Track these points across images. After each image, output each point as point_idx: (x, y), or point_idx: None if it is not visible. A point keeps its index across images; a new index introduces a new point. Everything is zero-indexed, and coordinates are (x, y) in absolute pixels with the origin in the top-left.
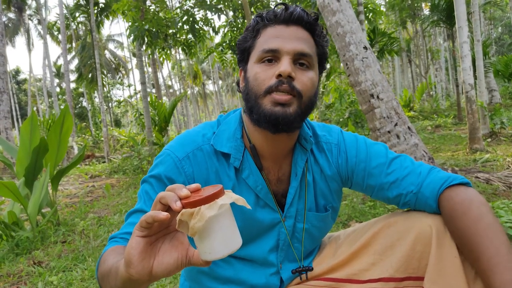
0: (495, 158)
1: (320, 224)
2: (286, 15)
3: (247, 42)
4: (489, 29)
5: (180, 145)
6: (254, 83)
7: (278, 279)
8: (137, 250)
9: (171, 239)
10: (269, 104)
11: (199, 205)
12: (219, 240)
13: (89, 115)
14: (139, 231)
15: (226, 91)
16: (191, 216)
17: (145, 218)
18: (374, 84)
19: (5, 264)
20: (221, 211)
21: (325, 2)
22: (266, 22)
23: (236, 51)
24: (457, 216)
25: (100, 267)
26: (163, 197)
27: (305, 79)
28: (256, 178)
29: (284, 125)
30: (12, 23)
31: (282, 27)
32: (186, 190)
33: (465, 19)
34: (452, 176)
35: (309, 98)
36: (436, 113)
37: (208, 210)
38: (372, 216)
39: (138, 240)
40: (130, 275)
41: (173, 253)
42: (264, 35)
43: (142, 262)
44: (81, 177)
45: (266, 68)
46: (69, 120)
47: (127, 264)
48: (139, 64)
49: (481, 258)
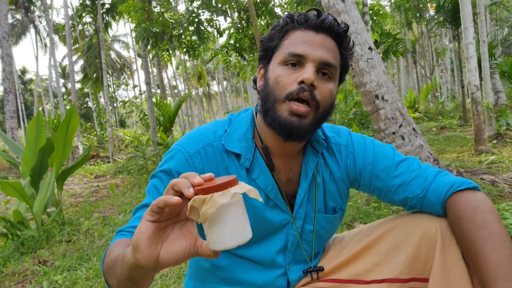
0: (501, 160)
1: (329, 225)
2: (317, 21)
3: (273, 41)
4: (495, 30)
5: (191, 141)
6: (275, 86)
7: (285, 281)
8: (146, 234)
9: (181, 227)
10: (286, 112)
11: (211, 192)
12: (229, 229)
13: (94, 116)
14: (149, 215)
15: (231, 92)
16: (203, 202)
17: (156, 202)
18: (379, 85)
19: (11, 263)
20: (234, 200)
21: (330, 2)
22: (296, 25)
23: (260, 48)
24: (461, 224)
25: (106, 258)
26: (175, 184)
27: (325, 90)
28: (266, 178)
29: (297, 136)
30: (20, 24)
31: (311, 33)
32: (199, 178)
33: (470, 20)
34: (459, 181)
35: (324, 109)
36: (441, 115)
37: (221, 197)
38: (377, 217)
39: (147, 224)
40: (137, 261)
41: (181, 241)
42: (292, 37)
43: (150, 247)
44: (86, 177)
45: (289, 72)
46: (75, 120)
47: (134, 248)
48: (144, 65)
49: (482, 269)
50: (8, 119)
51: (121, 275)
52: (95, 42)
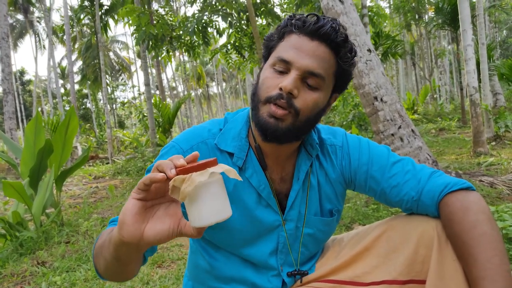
0: (500, 162)
1: (325, 228)
2: (313, 28)
3: (272, 41)
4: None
5: (186, 138)
6: (261, 87)
7: (280, 281)
8: (132, 211)
9: (166, 208)
10: (265, 113)
11: (191, 172)
12: (208, 206)
13: (93, 117)
14: (136, 193)
15: (230, 93)
16: (182, 182)
17: (142, 180)
18: (377, 87)
19: (9, 264)
20: (212, 179)
21: (329, 4)
22: (293, 29)
23: (262, 45)
24: (453, 225)
25: (96, 244)
26: (159, 165)
27: (308, 100)
28: (259, 177)
29: (272, 137)
30: (19, 25)
31: (305, 39)
32: (182, 160)
33: (469, 22)
34: (452, 182)
35: (307, 117)
36: (440, 116)
37: (199, 176)
38: (376, 219)
39: (134, 202)
40: (122, 237)
41: (166, 220)
42: (287, 40)
43: (135, 224)
44: (85, 178)
45: (275, 76)
46: (74, 121)
47: (120, 224)
48: (144, 66)
49: (472, 268)
50: (7, 120)
51: (108, 255)
52: (93, 43)
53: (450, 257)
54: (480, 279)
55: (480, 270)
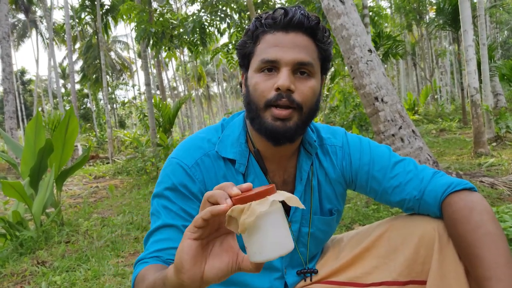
0: (500, 163)
1: (325, 227)
2: (285, 21)
3: (247, 48)
4: (495, 33)
5: (187, 153)
6: (254, 94)
7: (282, 284)
8: (190, 254)
9: (221, 242)
10: (269, 118)
11: (250, 200)
12: (270, 239)
13: (93, 116)
14: (191, 232)
15: (231, 93)
16: (241, 212)
17: (201, 215)
18: (378, 87)
19: (9, 264)
20: (273, 208)
21: (330, 5)
22: (265, 28)
23: (237, 55)
24: (457, 224)
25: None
26: (211, 196)
27: (306, 89)
28: (261, 182)
29: (285, 138)
30: (21, 24)
31: (281, 34)
32: (236, 189)
33: (470, 22)
34: (455, 182)
35: (309, 108)
36: (441, 117)
37: (259, 205)
38: (376, 219)
39: (190, 243)
40: (181, 281)
41: (223, 257)
42: (264, 42)
43: (194, 266)
44: (85, 178)
45: (266, 79)
46: (74, 122)
47: (178, 269)
48: (144, 66)
49: (477, 269)
50: (7, 119)
51: None
52: (94, 43)
53: (451, 257)
54: (486, 279)
55: (486, 270)
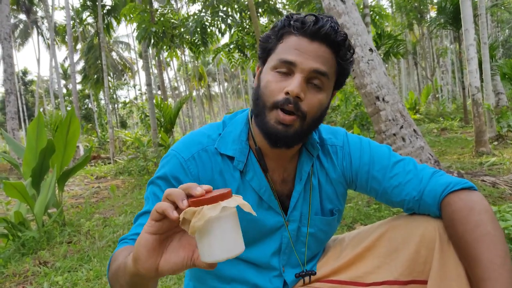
0: (502, 162)
1: (326, 228)
2: (313, 29)
3: (270, 43)
4: (496, 32)
5: (186, 146)
6: (265, 91)
7: (281, 282)
8: (146, 247)
9: (180, 238)
10: (273, 119)
11: (203, 204)
12: (218, 242)
13: (95, 117)
14: (149, 226)
15: (232, 93)
16: (193, 215)
17: (155, 208)
18: (379, 87)
19: (11, 264)
20: (224, 213)
21: (330, 4)
22: (291, 30)
23: (258, 46)
24: (456, 224)
25: (111, 266)
26: (170, 194)
27: (314, 101)
28: (260, 180)
29: (282, 143)
30: (23, 25)
31: (305, 40)
32: (200, 189)
33: (471, 21)
34: (454, 181)
35: (313, 118)
36: (442, 116)
37: (210, 210)
38: (377, 219)
39: (147, 237)
40: (137, 270)
41: (180, 252)
42: (286, 42)
43: (150, 259)
44: (87, 178)
45: (279, 79)
46: (75, 123)
47: (135, 260)
48: (145, 66)
49: (474, 269)
50: (9, 120)
51: (124, 283)
52: (95, 43)
53: (452, 257)
54: (483, 280)
55: (483, 271)
